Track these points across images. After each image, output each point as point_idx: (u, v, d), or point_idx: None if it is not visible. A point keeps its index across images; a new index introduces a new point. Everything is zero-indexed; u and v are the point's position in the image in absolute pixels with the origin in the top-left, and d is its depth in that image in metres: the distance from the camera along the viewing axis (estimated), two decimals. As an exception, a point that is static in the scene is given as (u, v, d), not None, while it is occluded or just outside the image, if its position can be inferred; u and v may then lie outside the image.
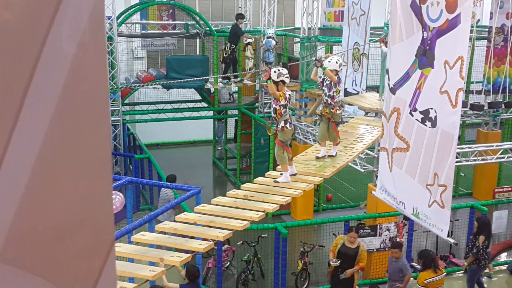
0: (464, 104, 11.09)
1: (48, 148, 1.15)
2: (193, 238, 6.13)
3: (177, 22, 17.69)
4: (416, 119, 6.59)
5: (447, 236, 6.94)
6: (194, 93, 16.64)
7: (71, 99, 1.18)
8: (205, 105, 16.56)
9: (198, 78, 12.69)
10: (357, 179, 14.18)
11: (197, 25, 16.63)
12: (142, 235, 6.08)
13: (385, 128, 7.27)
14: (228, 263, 10.72)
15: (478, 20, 18.34)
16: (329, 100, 7.71)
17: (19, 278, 1.16)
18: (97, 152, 1.26)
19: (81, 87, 1.20)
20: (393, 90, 6.98)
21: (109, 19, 13.82)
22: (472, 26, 9.79)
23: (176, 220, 6.38)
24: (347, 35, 12.20)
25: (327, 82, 7.70)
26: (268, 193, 6.78)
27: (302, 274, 10.44)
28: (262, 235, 10.61)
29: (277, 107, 6.91)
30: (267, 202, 6.52)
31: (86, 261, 1.29)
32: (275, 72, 6.78)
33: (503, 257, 12.16)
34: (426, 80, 6.41)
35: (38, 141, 1.14)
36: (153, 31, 17.66)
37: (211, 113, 16.85)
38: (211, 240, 5.86)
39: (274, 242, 9.94)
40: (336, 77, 7.63)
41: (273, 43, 14.22)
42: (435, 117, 6.32)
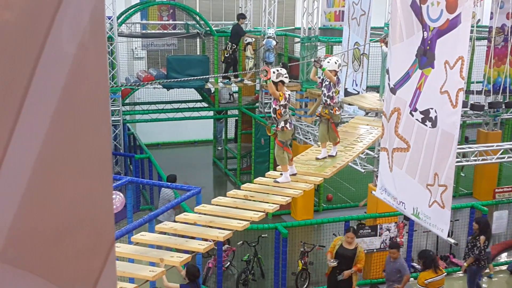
0: (465, 104, 11.08)
1: (48, 148, 1.15)
2: (193, 238, 6.13)
3: (177, 22, 17.68)
4: (417, 119, 6.59)
5: (447, 236, 6.94)
6: (194, 93, 16.63)
7: (71, 99, 1.18)
8: (205, 105, 16.56)
9: (199, 78, 12.70)
10: (358, 179, 14.18)
11: (198, 25, 16.63)
12: (142, 235, 6.08)
13: (386, 128, 7.27)
14: (228, 263, 10.72)
15: (479, 20, 18.34)
16: (328, 101, 7.69)
17: (19, 278, 1.16)
18: (97, 152, 1.26)
19: (81, 87, 1.20)
20: (393, 90, 6.98)
21: (109, 19, 13.82)
22: (472, 26, 9.78)
23: (176, 220, 6.37)
24: (348, 35, 12.20)
25: (326, 82, 7.68)
26: (268, 193, 6.78)
27: (302, 274, 10.44)
28: (262, 235, 10.60)
29: (276, 107, 6.91)
30: (267, 202, 6.52)
31: (86, 261, 1.29)
32: (274, 72, 6.78)
33: (503, 257, 12.16)
34: (427, 80, 6.41)
35: (38, 141, 1.14)
36: (153, 31, 17.66)
37: (211, 113, 16.84)
38: (211, 240, 5.86)
39: (274, 242, 9.94)
40: (335, 78, 7.62)
41: (274, 43, 14.21)
42: (436, 117, 6.32)
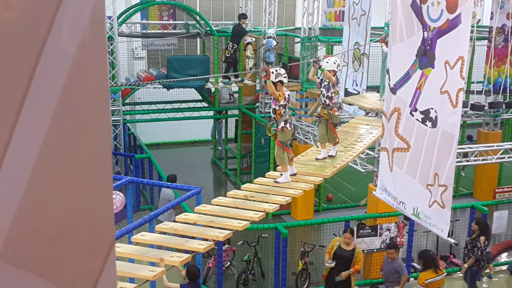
0: (465, 104, 11.08)
1: (48, 148, 1.15)
2: (193, 238, 6.13)
3: (177, 22, 17.68)
4: (417, 119, 6.58)
5: (448, 236, 6.94)
6: (194, 93, 16.63)
7: (71, 99, 1.18)
8: (206, 105, 16.56)
9: (199, 78, 12.70)
10: (358, 179, 14.18)
11: (198, 25, 16.63)
12: (142, 235, 6.08)
13: (386, 128, 7.27)
14: (229, 263, 10.72)
15: (479, 20, 18.34)
16: (327, 101, 7.66)
17: (19, 278, 1.16)
18: (97, 152, 1.26)
19: (81, 87, 1.20)
20: (393, 90, 6.98)
21: (109, 19, 13.81)
22: (472, 26, 9.77)
23: (176, 220, 6.37)
24: (348, 35, 12.20)
25: (326, 83, 7.65)
26: (268, 193, 6.77)
27: (303, 274, 10.44)
28: (263, 235, 10.60)
29: (276, 108, 6.90)
30: (267, 202, 6.52)
31: (86, 261, 1.29)
32: (273, 72, 6.77)
33: (504, 257, 12.16)
34: (427, 80, 6.41)
35: (38, 141, 1.14)
36: (153, 31, 17.66)
37: (211, 113, 16.84)
38: (211, 240, 5.86)
39: (275, 242, 9.94)
40: (334, 78, 7.60)
41: (274, 43, 14.21)
42: (436, 117, 6.32)
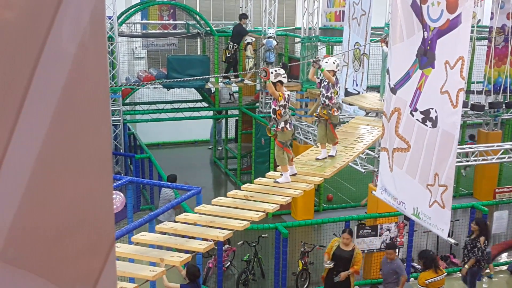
0: (465, 104, 11.08)
1: (48, 148, 1.15)
2: (193, 238, 6.13)
3: (177, 22, 17.68)
4: (417, 119, 6.58)
5: (448, 236, 6.94)
6: (194, 93, 16.63)
7: (72, 99, 1.18)
8: (206, 105, 16.56)
9: (199, 78, 12.69)
10: (358, 179, 14.18)
11: (198, 25, 16.63)
12: (142, 235, 6.07)
13: (386, 128, 7.27)
14: (229, 263, 10.72)
15: (479, 20, 18.34)
16: (326, 101, 7.64)
17: (19, 278, 1.16)
18: (97, 152, 1.26)
19: (81, 87, 1.20)
20: (393, 90, 6.98)
21: (109, 19, 13.81)
22: (472, 26, 9.77)
23: (176, 221, 6.37)
24: (348, 35, 12.20)
25: (325, 83, 7.64)
26: (268, 193, 6.77)
27: (303, 274, 10.44)
28: (263, 235, 10.60)
29: (276, 108, 6.90)
30: (268, 202, 6.52)
31: (86, 261, 1.29)
32: (272, 72, 6.77)
33: (503, 257, 12.16)
34: (427, 80, 6.41)
35: (38, 141, 1.13)
36: (153, 31, 17.66)
37: (211, 113, 16.83)
38: (212, 240, 5.86)
39: (275, 242, 9.94)
40: (333, 78, 7.59)
41: (274, 43, 14.21)
42: (436, 117, 6.31)
